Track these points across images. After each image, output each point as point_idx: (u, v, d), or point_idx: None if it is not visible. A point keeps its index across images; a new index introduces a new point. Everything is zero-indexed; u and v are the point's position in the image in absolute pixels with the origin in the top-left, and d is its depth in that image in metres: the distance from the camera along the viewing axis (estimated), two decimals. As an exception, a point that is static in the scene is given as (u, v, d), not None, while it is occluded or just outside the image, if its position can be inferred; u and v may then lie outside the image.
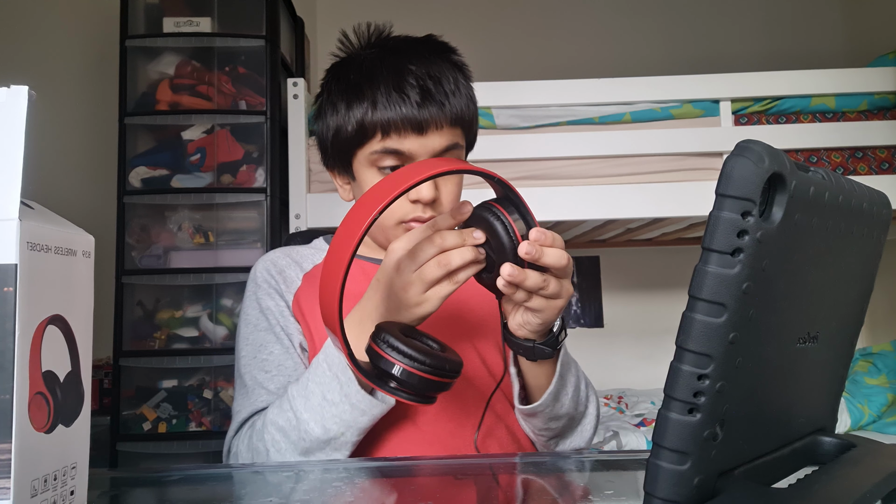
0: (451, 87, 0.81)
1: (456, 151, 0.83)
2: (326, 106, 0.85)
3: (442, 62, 0.83)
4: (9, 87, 0.35)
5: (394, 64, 0.81)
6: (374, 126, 0.79)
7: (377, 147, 0.80)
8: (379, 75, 0.80)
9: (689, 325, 0.33)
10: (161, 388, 1.83)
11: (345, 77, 0.83)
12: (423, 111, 0.78)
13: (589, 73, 2.10)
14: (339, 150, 0.84)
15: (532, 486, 0.57)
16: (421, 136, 0.79)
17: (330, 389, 0.68)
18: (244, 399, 0.81)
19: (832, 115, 1.92)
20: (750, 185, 0.32)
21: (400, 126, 0.78)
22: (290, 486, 0.56)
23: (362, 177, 0.83)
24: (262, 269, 0.89)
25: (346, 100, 0.81)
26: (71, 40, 2.26)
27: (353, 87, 0.81)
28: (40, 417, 0.34)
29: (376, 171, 0.81)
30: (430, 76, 0.80)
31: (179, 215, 1.88)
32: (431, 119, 0.79)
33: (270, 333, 0.84)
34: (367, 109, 0.79)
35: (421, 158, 0.80)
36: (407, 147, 0.79)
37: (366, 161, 0.82)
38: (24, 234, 0.33)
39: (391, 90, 0.79)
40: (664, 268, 2.71)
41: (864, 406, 1.94)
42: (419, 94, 0.78)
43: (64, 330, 0.37)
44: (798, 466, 0.43)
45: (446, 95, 0.80)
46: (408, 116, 0.78)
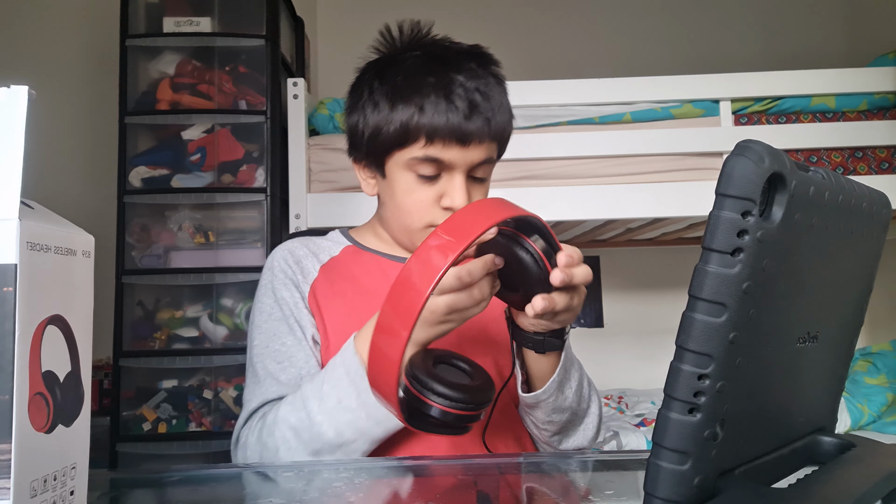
0: (497, 102, 0.83)
1: (490, 165, 0.85)
2: (367, 103, 0.84)
3: (488, 76, 0.84)
4: (9, 87, 0.35)
5: (442, 72, 0.81)
6: (419, 131, 0.79)
7: (418, 153, 0.80)
8: (426, 82, 0.80)
9: (690, 325, 0.33)
10: (161, 389, 1.83)
11: (389, 77, 0.83)
12: (469, 123, 0.79)
13: (589, 73, 2.10)
14: (376, 148, 0.84)
15: (532, 485, 0.57)
16: (464, 148, 0.80)
17: (347, 395, 0.68)
18: (255, 388, 0.81)
19: (832, 115, 1.92)
20: (750, 184, 0.32)
21: (446, 135, 0.79)
22: (291, 486, 0.56)
23: (396, 178, 0.84)
24: (280, 257, 0.90)
25: (390, 100, 0.81)
26: (71, 40, 2.26)
27: (398, 89, 0.81)
28: (40, 418, 0.34)
29: (413, 176, 0.82)
30: (478, 90, 0.81)
31: (180, 215, 1.88)
32: (476, 132, 0.79)
33: (284, 324, 0.84)
34: (413, 114, 0.80)
35: (459, 169, 0.81)
36: (448, 157, 0.80)
37: (403, 164, 0.82)
38: (24, 234, 0.33)
39: (441, 98, 0.79)
40: (664, 268, 2.71)
41: (864, 406, 1.94)
42: (467, 107, 0.79)
43: (64, 330, 0.37)
44: (798, 466, 0.43)
45: (493, 111, 0.81)
46: (454, 126, 0.78)
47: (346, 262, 0.91)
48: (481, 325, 0.83)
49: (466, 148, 0.80)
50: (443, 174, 0.82)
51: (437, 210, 0.82)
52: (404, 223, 0.85)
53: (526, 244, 0.61)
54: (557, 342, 0.70)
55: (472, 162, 0.81)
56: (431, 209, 0.82)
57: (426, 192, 0.82)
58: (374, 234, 0.94)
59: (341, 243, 0.94)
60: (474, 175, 0.84)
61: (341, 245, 0.93)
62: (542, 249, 0.61)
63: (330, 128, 1.94)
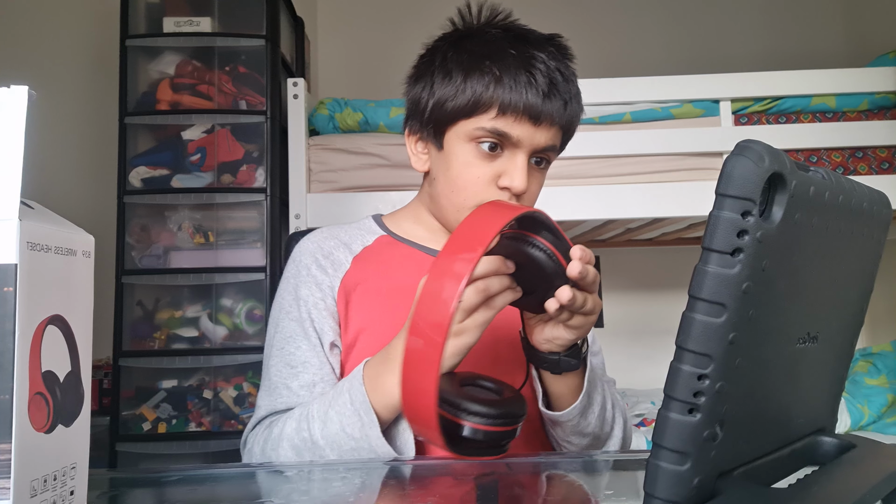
0: (574, 90, 0.80)
1: (552, 153, 0.82)
2: (437, 71, 0.81)
3: (569, 66, 0.81)
4: (9, 87, 0.35)
5: (523, 49, 0.78)
6: (492, 102, 0.76)
7: (487, 124, 0.77)
8: (507, 55, 0.78)
9: (689, 325, 0.33)
10: (161, 389, 1.83)
11: (467, 48, 0.80)
12: (546, 103, 0.76)
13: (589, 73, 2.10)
14: (440, 118, 0.81)
15: (532, 485, 0.57)
16: (535, 127, 0.77)
17: (350, 424, 0.67)
18: (266, 394, 0.80)
19: (832, 115, 1.92)
20: (750, 184, 0.32)
21: (519, 109, 0.76)
22: (291, 486, 0.56)
23: (454, 149, 0.80)
24: (308, 253, 0.87)
25: (464, 70, 0.79)
26: (71, 40, 2.26)
27: (476, 58, 0.79)
28: (40, 417, 0.34)
29: (474, 148, 0.79)
30: (560, 71, 0.78)
31: (179, 215, 1.88)
32: (550, 113, 0.77)
33: (300, 326, 0.82)
34: (489, 83, 0.77)
35: (524, 149, 0.78)
36: (517, 133, 0.77)
37: (466, 135, 0.79)
38: (24, 234, 0.33)
39: (521, 71, 0.76)
40: (664, 268, 2.71)
41: (864, 406, 1.94)
42: (547, 85, 0.76)
43: (64, 330, 0.37)
44: (798, 467, 0.43)
45: (570, 96, 0.79)
46: (530, 102, 0.76)
47: (380, 254, 0.87)
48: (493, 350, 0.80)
49: (537, 127, 0.77)
50: (505, 151, 0.79)
51: (492, 189, 0.78)
52: (456, 200, 0.81)
53: (536, 241, 0.59)
54: (573, 362, 0.68)
55: (538, 144, 0.78)
56: (487, 188, 0.78)
57: (484, 168, 0.79)
58: (415, 219, 0.90)
59: (375, 232, 0.90)
60: (536, 160, 0.80)
61: (375, 234, 0.90)
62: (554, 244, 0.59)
63: (330, 128, 1.94)
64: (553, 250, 0.59)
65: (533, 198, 0.82)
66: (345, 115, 1.92)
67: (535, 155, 0.80)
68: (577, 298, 0.61)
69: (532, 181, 0.80)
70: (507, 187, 0.77)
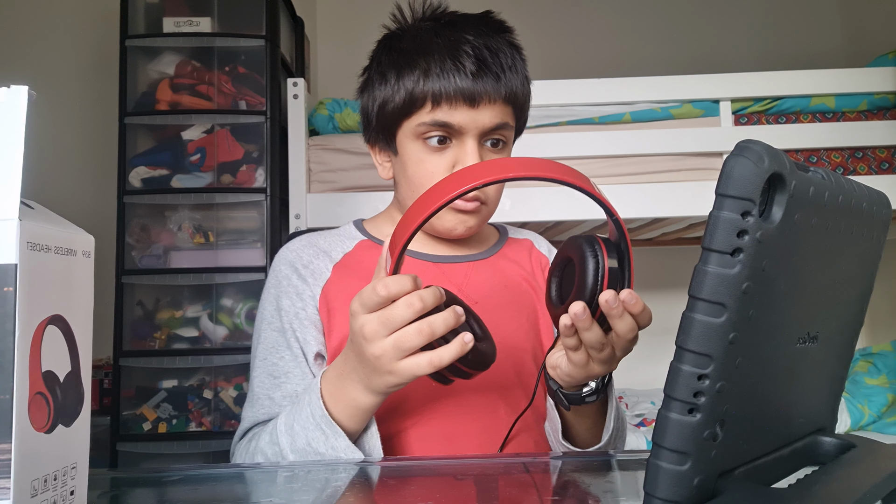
0: (509, 62, 0.78)
1: (505, 132, 0.80)
2: (375, 76, 0.82)
3: (500, 38, 0.80)
4: (9, 87, 0.35)
5: (450, 35, 0.78)
6: (425, 96, 0.76)
7: (426, 118, 0.77)
8: (433, 45, 0.77)
9: (689, 325, 0.33)
10: (161, 389, 1.83)
11: (397, 47, 0.80)
12: (477, 83, 0.75)
13: (589, 73, 2.10)
14: (385, 122, 0.81)
15: (532, 485, 0.57)
16: (472, 109, 0.76)
17: (314, 438, 0.65)
18: (249, 406, 0.80)
19: (832, 115, 1.92)
20: (750, 184, 0.32)
21: (452, 97, 0.75)
22: (291, 486, 0.56)
23: (406, 150, 0.80)
24: (287, 263, 0.85)
25: (396, 69, 0.78)
26: (71, 40, 2.26)
27: (405, 56, 0.78)
28: (40, 417, 0.34)
29: (421, 144, 0.78)
30: (487, 47, 0.77)
31: (179, 215, 1.88)
32: (485, 92, 0.75)
33: (282, 336, 0.81)
34: (418, 78, 0.76)
35: (470, 133, 0.77)
36: (457, 120, 0.76)
37: (411, 133, 0.79)
38: (24, 234, 0.33)
39: (445, 59, 0.75)
40: (664, 268, 2.71)
41: (864, 406, 1.94)
42: (475, 65, 0.75)
43: (64, 330, 0.37)
44: (798, 467, 0.43)
45: (503, 69, 0.77)
46: (461, 87, 0.75)
47: (361, 259, 0.86)
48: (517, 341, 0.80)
49: (476, 109, 0.76)
50: (453, 140, 0.78)
51: None
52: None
53: (600, 251, 0.57)
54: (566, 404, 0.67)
55: (483, 125, 0.77)
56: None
57: (437, 162, 0.78)
58: (392, 223, 0.90)
59: (355, 238, 0.89)
60: (491, 141, 0.79)
61: (355, 240, 0.89)
62: (611, 269, 0.57)
63: (329, 128, 1.94)
64: (605, 270, 0.57)
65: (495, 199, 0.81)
66: (345, 115, 1.92)
67: (487, 137, 0.79)
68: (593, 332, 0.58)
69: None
70: None
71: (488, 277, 0.85)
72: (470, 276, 0.84)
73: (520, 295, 0.86)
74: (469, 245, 0.89)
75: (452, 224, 0.82)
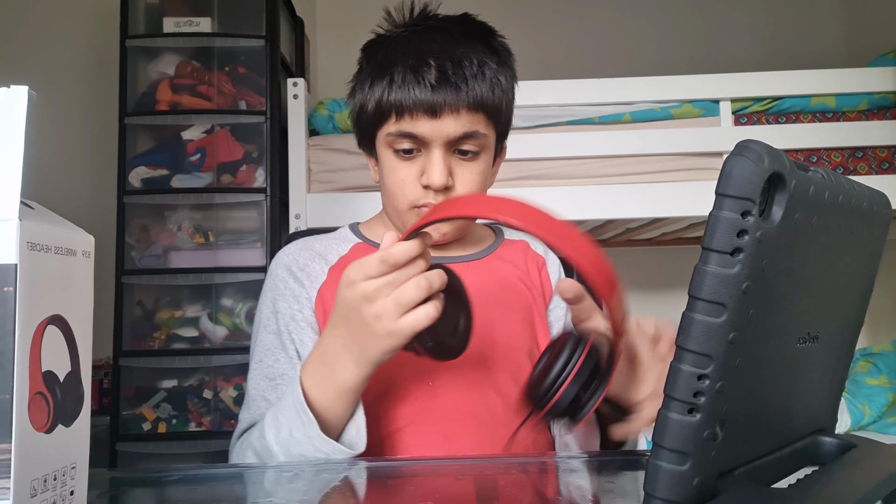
0: (474, 70, 0.78)
1: (476, 140, 0.80)
2: (357, 85, 0.84)
3: (472, 44, 0.80)
4: (9, 87, 0.35)
5: (418, 45, 0.79)
6: (390, 107, 0.78)
7: (392, 129, 0.79)
8: (400, 56, 0.79)
9: (689, 325, 0.33)
10: (161, 388, 1.83)
11: (374, 55, 0.82)
12: (437, 94, 0.76)
13: (589, 73, 2.10)
14: (363, 128, 0.84)
15: (531, 485, 0.56)
16: (434, 120, 0.77)
17: (295, 427, 0.66)
18: (246, 408, 0.80)
19: (832, 115, 1.92)
20: (750, 184, 0.32)
21: (412, 108, 0.77)
22: (291, 486, 0.56)
23: (382, 157, 0.83)
24: (283, 266, 0.86)
25: (371, 78, 0.81)
26: (71, 40, 2.26)
27: (379, 65, 0.80)
28: (40, 417, 0.34)
29: (392, 153, 0.80)
30: (450, 58, 0.78)
31: (179, 215, 1.88)
32: (445, 103, 0.76)
33: (278, 339, 0.82)
34: (384, 89, 0.78)
35: (435, 143, 0.78)
36: (420, 130, 0.77)
37: (383, 142, 0.81)
38: (24, 234, 0.33)
39: (407, 71, 0.77)
40: (664, 268, 2.71)
41: (865, 406, 1.94)
42: (435, 77, 0.76)
43: (64, 330, 0.37)
44: (798, 467, 0.43)
45: (465, 79, 0.77)
46: (420, 99, 0.76)
47: None
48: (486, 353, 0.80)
49: (438, 119, 0.77)
50: (422, 150, 0.80)
51: (418, 188, 0.79)
52: (392, 205, 0.83)
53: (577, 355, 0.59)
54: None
55: (447, 135, 0.78)
56: (413, 188, 0.80)
57: (407, 170, 0.80)
58: (384, 224, 0.91)
59: (350, 241, 0.90)
60: (461, 151, 0.80)
61: (350, 242, 0.90)
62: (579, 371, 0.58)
63: (329, 128, 1.94)
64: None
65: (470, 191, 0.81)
66: (345, 115, 1.92)
67: (455, 146, 0.80)
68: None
69: (461, 173, 0.80)
70: (427, 186, 0.78)
71: (483, 277, 0.85)
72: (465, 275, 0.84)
73: (515, 294, 0.86)
74: (464, 246, 0.90)
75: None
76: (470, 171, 0.81)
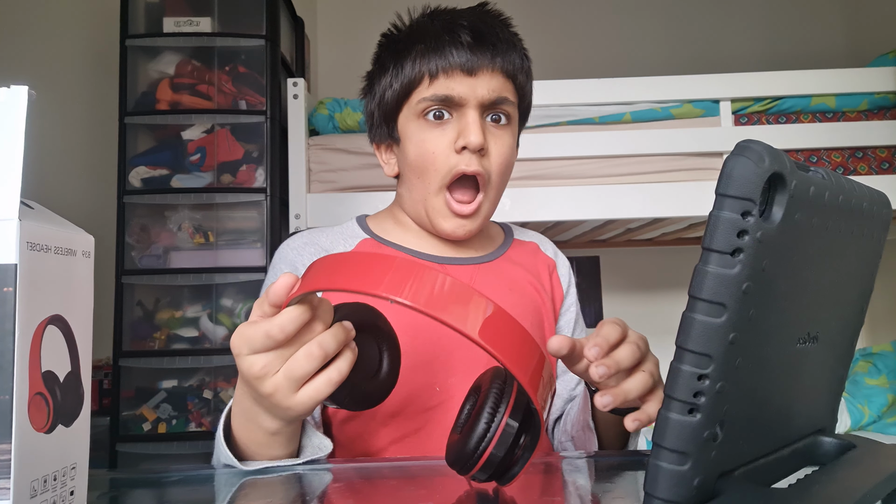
0: (505, 36, 0.79)
1: (507, 107, 0.79)
2: (375, 74, 0.83)
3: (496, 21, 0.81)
4: (9, 87, 0.35)
5: (445, 18, 0.79)
6: (422, 73, 0.77)
7: (426, 93, 0.77)
8: (429, 29, 0.78)
9: (689, 326, 0.33)
10: (161, 389, 1.83)
11: (395, 40, 0.82)
12: (474, 53, 0.75)
13: (589, 73, 2.10)
14: (386, 111, 0.81)
15: (531, 486, 0.56)
16: (470, 78, 0.76)
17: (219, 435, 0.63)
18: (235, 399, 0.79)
19: (832, 115, 1.92)
20: (750, 184, 0.32)
21: (448, 67, 0.75)
22: (291, 486, 0.56)
23: (407, 133, 0.80)
24: (288, 261, 0.83)
25: (395, 58, 0.79)
26: (71, 40, 2.26)
27: (404, 45, 0.79)
28: (40, 418, 0.34)
29: (422, 122, 0.78)
30: (482, 23, 0.78)
31: (179, 215, 1.88)
32: (482, 62, 0.76)
33: None
34: (415, 58, 0.77)
35: (470, 104, 0.76)
36: (456, 91, 0.76)
37: (412, 114, 0.79)
38: (24, 234, 0.33)
39: (441, 34, 0.76)
40: (664, 268, 2.71)
41: (865, 406, 1.94)
42: (470, 36, 0.76)
43: (64, 330, 0.37)
44: (798, 467, 0.43)
45: (499, 41, 0.77)
46: (457, 58, 0.75)
47: None
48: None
49: (475, 78, 0.75)
50: (454, 115, 0.77)
51: (452, 155, 0.76)
52: (423, 182, 0.79)
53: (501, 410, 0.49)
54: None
55: (483, 97, 0.76)
56: (446, 156, 0.76)
57: (439, 138, 0.77)
58: (395, 220, 0.88)
59: (357, 236, 0.87)
60: (493, 116, 0.79)
61: (358, 238, 0.87)
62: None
63: (330, 128, 1.94)
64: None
65: (502, 159, 0.79)
66: (345, 115, 1.92)
67: (489, 111, 0.78)
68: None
69: (494, 139, 0.78)
70: (464, 146, 0.76)
71: (493, 280, 0.84)
72: (475, 279, 0.84)
73: (524, 299, 0.85)
74: (475, 246, 0.88)
75: (452, 228, 0.81)
76: (501, 139, 0.79)
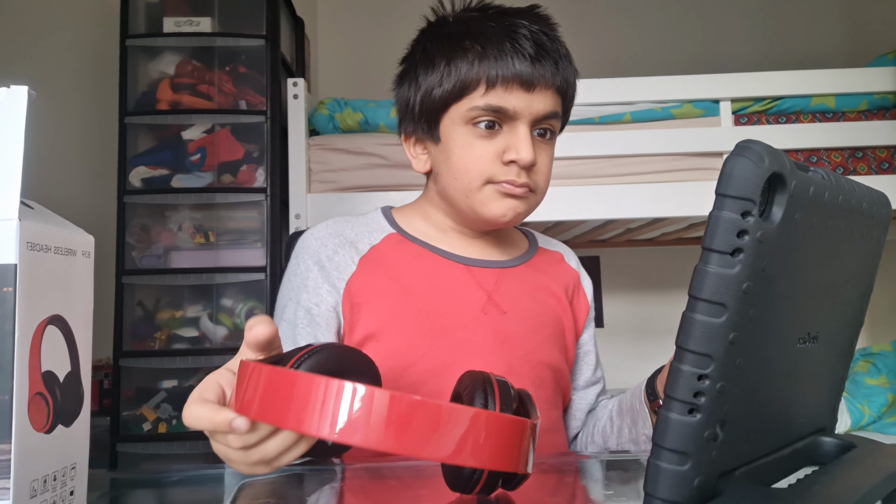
0: (563, 50, 0.77)
1: (554, 122, 0.78)
2: (420, 64, 0.79)
3: (554, 28, 0.79)
4: (9, 87, 0.35)
5: (502, 19, 0.76)
6: (479, 79, 0.74)
7: (479, 102, 0.74)
8: (487, 28, 0.75)
9: (690, 326, 0.33)
10: (161, 389, 1.83)
11: (446, 33, 0.78)
12: (536, 67, 0.73)
13: (589, 73, 2.10)
14: (430, 108, 0.78)
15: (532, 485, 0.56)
16: (528, 93, 0.74)
17: None
18: None
19: (832, 115, 1.92)
20: (750, 184, 0.32)
21: (508, 79, 0.73)
22: (291, 486, 0.56)
23: (451, 136, 0.77)
24: (311, 252, 0.81)
25: (446, 54, 0.76)
26: (71, 40, 2.26)
27: (455, 40, 0.76)
28: (40, 418, 0.34)
29: (470, 129, 0.75)
30: (544, 33, 0.75)
31: (180, 215, 1.88)
32: (542, 77, 0.74)
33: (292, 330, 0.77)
34: (472, 61, 0.74)
35: (523, 119, 0.74)
36: (511, 104, 0.74)
37: (460, 118, 0.76)
38: (24, 234, 0.33)
39: (503, 40, 0.73)
40: (664, 268, 2.71)
41: (865, 406, 1.94)
42: (533, 49, 0.73)
43: (64, 330, 0.37)
44: (798, 467, 0.43)
45: (560, 56, 0.76)
46: (518, 70, 0.73)
47: (389, 255, 0.82)
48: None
49: (532, 93, 0.73)
50: (504, 126, 0.75)
51: (498, 165, 0.74)
52: (462, 186, 0.77)
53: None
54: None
55: (537, 112, 0.74)
56: (492, 164, 0.75)
57: (486, 147, 0.75)
58: (424, 216, 0.86)
59: (384, 230, 0.85)
60: (539, 131, 0.77)
61: (383, 232, 0.84)
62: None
63: (330, 128, 1.94)
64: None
65: (544, 173, 0.78)
66: (345, 115, 1.92)
67: (538, 126, 0.77)
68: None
69: (540, 154, 0.77)
70: (513, 160, 0.74)
71: (517, 286, 0.83)
72: (500, 282, 0.83)
73: (545, 307, 0.84)
74: (500, 248, 0.87)
75: (502, 210, 0.77)
76: (546, 154, 0.78)
